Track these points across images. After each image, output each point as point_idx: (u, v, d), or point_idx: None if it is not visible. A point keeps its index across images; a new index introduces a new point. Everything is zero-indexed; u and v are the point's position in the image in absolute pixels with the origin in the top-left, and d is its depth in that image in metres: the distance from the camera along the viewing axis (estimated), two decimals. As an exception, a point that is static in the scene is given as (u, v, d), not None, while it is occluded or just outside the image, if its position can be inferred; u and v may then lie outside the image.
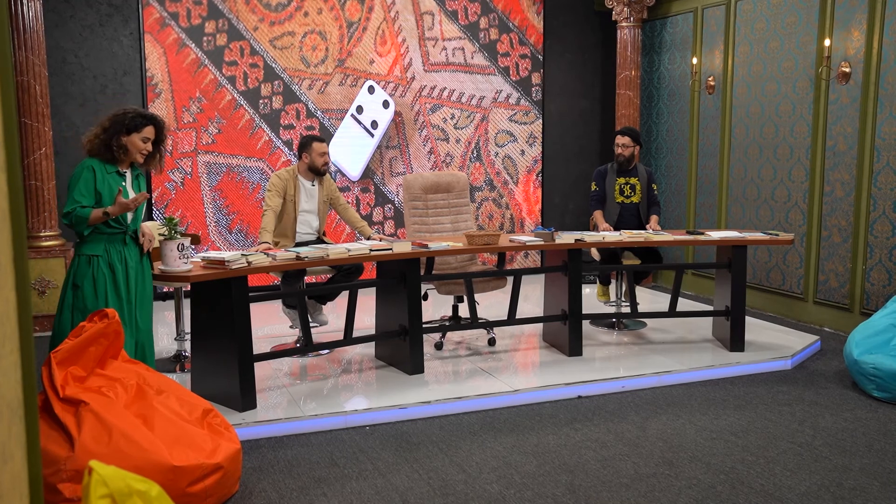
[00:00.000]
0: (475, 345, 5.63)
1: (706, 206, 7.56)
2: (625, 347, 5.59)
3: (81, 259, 3.68)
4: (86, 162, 3.67)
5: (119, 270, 3.72)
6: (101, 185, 3.65)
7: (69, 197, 3.60)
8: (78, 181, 3.62)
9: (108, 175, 3.68)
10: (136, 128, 3.70)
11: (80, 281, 3.66)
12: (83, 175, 3.63)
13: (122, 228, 3.74)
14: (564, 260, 5.28)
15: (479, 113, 8.06)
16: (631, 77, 7.89)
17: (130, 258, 3.78)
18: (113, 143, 3.66)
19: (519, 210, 8.33)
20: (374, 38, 7.55)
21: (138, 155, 3.75)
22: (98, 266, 3.67)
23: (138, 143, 3.72)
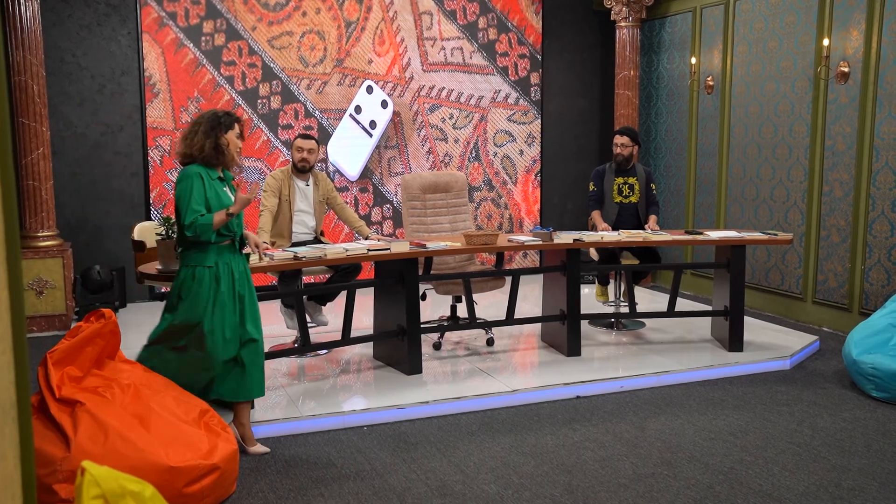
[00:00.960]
0: (473, 345, 5.62)
1: (705, 205, 7.55)
2: (623, 347, 5.58)
3: (197, 271, 3.58)
4: (191, 169, 3.57)
5: (225, 282, 3.61)
6: (209, 191, 3.58)
7: (186, 208, 3.49)
8: (191, 190, 3.51)
9: (212, 181, 3.61)
10: (230, 125, 3.66)
11: (186, 294, 3.57)
12: (195, 184, 3.53)
13: (231, 236, 3.67)
14: (563, 260, 5.27)
15: (477, 113, 8.05)
16: (630, 77, 7.88)
17: (236, 268, 3.68)
18: (219, 144, 3.60)
19: (518, 210, 8.32)
20: (372, 38, 7.54)
21: (235, 153, 3.69)
22: (207, 278, 3.57)
23: (235, 140, 3.68)
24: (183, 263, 3.65)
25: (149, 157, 6.92)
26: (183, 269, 3.63)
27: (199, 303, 3.57)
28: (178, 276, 3.65)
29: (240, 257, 3.75)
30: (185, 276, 3.61)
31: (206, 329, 3.57)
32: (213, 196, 3.59)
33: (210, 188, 3.59)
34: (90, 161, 6.79)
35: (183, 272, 3.63)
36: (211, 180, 3.60)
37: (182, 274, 3.63)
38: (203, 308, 3.57)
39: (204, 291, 3.57)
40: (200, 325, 3.58)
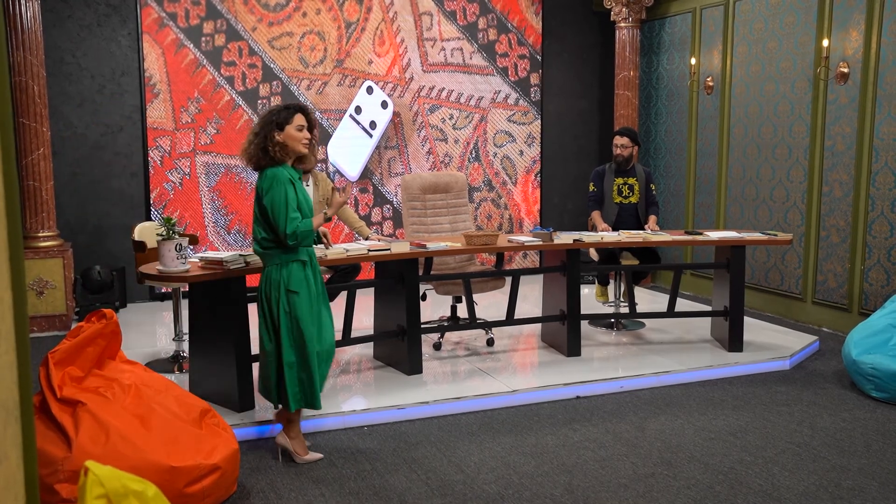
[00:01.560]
0: (473, 345, 5.63)
1: (705, 206, 7.56)
2: (623, 348, 5.59)
3: (294, 266, 3.59)
4: (280, 174, 3.52)
5: (317, 273, 3.72)
6: (297, 191, 3.59)
7: (284, 216, 3.47)
8: (285, 197, 3.49)
9: (296, 181, 3.60)
10: (287, 119, 3.56)
11: (299, 287, 3.57)
12: (287, 190, 3.50)
13: (316, 235, 3.76)
14: (563, 260, 5.27)
15: (477, 113, 8.05)
16: (629, 77, 7.88)
17: (316, 263, 3.76)
18: (267, 145, 3.52)
19: (517, 210, 8.33)
20: (372, 39, 7.55)
21: (300, 146, 3.59)
22: (306, 271, 3.62)
23: (296, 133, 3.57)
24: (273, 262, 3.61)
25: (149, 158, 6.92)
26: (274, 267, 3.61)
27: (309, 293, 3.61)
28: (271, 275, 3.61)
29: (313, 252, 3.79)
30: (293, 271, 3.59)
31: (304, 323, 3.59)
32: (303, 198, 3.62)
33: (300, 190, 3.60)
34: (90, 161, 6.80)
35: (276, 270, 3.60)
36: (293, 182, 3.58)
37: (276, 273, 3.60)
38: (308, 301, 3.61)
39: (308, 282, 3.61)
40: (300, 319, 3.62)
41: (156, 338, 5.97)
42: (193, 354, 4.48)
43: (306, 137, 3.60)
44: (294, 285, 3.57)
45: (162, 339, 5.91)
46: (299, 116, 3.59)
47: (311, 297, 3.61)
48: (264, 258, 3.67)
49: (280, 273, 3.59)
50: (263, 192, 3.55)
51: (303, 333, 3.59)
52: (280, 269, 3.60)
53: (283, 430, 3.75)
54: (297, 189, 3.60)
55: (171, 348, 5.38)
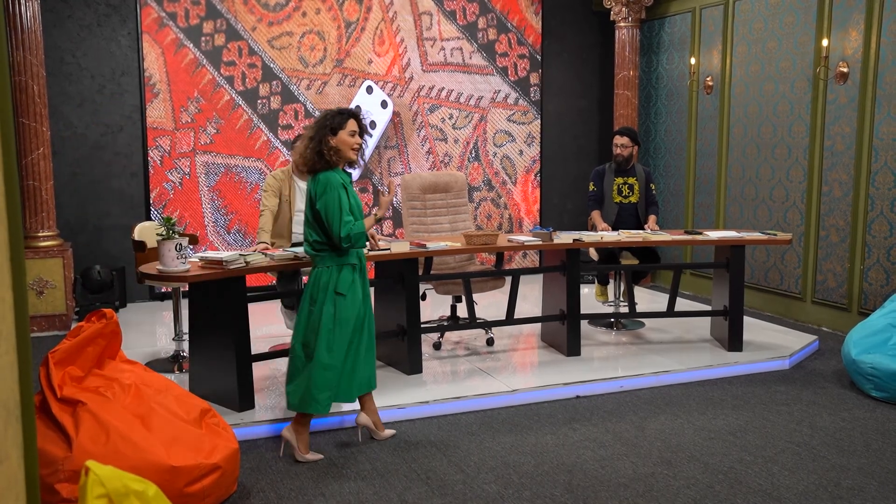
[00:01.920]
0: (473, 345, 5.63)
1: (704, 205, 7.56)
2: (623, 347, 5.59)
3: (344, 269, 3.69)
4: (332, 179, 3.62)
5: (364, 276, 3.81)
6: (350, 195, 3.70)
7: (338, 219, 3.57)
8: (339, 201, 3.60)
9: (348, 185, 3.72)
10: (341, 125, 3.66)
11: (346, 290, 3.67)
12: (340, 194, 3.61)
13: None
14: (563, 260, 5.27)
15: (477, 113, 8.05)
16: (629, 77, 7.88)
17: (363, 262, 3.86)
18: (322, 150, 3.62)
19: (517, 210, 8.33)
20: (372, 39, 7.55)
21: (351, 151, 3.69)
22: (355, 274, 3.72)
23: (349, 139, 3.67)
24: (323, 265, 3.70)
25: (149, 158, 6.92)
26: (324, 269, 3.69)
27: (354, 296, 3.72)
28: (320, 276, 3.68)
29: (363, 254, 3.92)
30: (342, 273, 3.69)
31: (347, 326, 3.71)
32: (354, 202, 3.72)
33: (351, 194, 3.70)
34: (90, 161, 6.80)
35: (325, 273, 3.68)
36: (347, 185, 3.70)
37: (325, 275, 3.68)
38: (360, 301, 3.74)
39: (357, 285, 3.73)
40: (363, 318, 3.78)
41: (156, 337, 5.97)
42: (193, 354, 4.48)
43: (357, 143, 3.71)
44: (342, 287, 3.68)
45: (162, 338, 5.91)
46: (352, 122, 3.69)
47: (356, 300, 3.72)
48: (315, 260, 3.76)
49: (330, 275, 3.69)
50: (317, 196, 3.65)
51: (344, 336, 3.69)
52: (330, 272, 3.70)
53: (293, 424, 3.79)
54: (349, 193, 3.71)
55: (172, 348, 5.38)
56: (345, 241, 3.61)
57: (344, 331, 3.68)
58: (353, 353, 3.75)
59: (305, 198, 5.18)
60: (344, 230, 3.59)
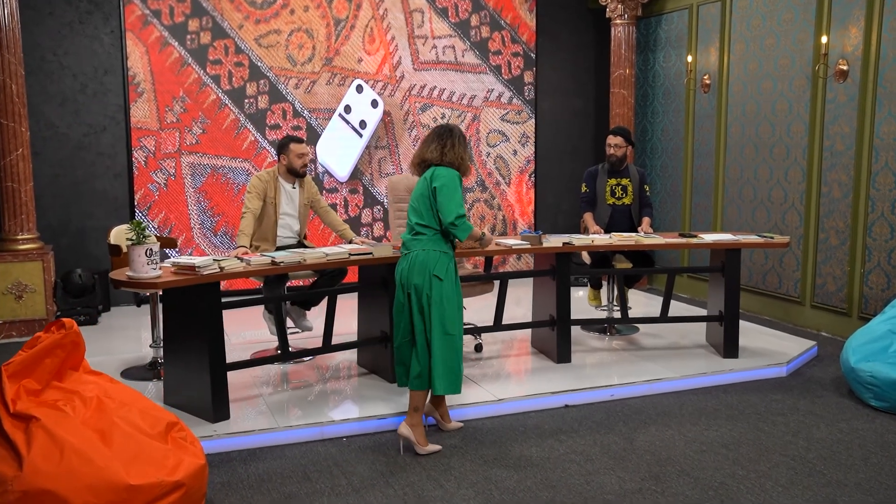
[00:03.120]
0: (462, 351, 5.47)
1: (701, 207, 7.40)
2: (615, 354, 5.44)
3: (441, 256, 3.85)
4: (452, 171, 3.87)
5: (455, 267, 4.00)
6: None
7: (455, 203, 3.77)
8: (457, 191, 3.82)
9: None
10: (462, 142, 3.99)
11: (442, 273, 3.81)
12: (457, 183, 3.84)
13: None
14: (553, 264, 5.12)
15: (470, 112, 7.90)
16: (625, 75, 7.73)
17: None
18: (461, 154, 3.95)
19: (511, 211, 8.17)
20: (362, 36, 7.40)
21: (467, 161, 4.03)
22: (452, 262, 3.92)
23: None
24: (437, 248, 3.85)
25: (133, 158, 6.78)
26: (439, 253, 3.85)
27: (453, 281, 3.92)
28: (439, 259, 3.83)
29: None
30: (451, 261, 3.90)
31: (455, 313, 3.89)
32: None
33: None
34: (73, 162, 6.65)
35: (442, 257, 3.85)
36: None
37: (444, 259, 3.85)
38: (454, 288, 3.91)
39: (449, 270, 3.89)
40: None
41: (140, 343, 5.82)
42: (168, 362, 4.33)
43: None
44: (451, 273, 3.88)
45: (145, 344, 5.77)
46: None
47: (454, 283, 3.91)
48: (415, 243, 3.88)
49: (442, 259, 3.84)
50: (439, 180, 3.83)
51: (454, 319, 3.86)
52: (440, 256, 3.84)
53: (407, 420, 3.84)
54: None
55: (150, 354, 5.23)
56: (458, 219, 3.77)
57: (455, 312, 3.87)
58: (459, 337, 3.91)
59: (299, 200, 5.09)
60: (461, 210, 3.79)
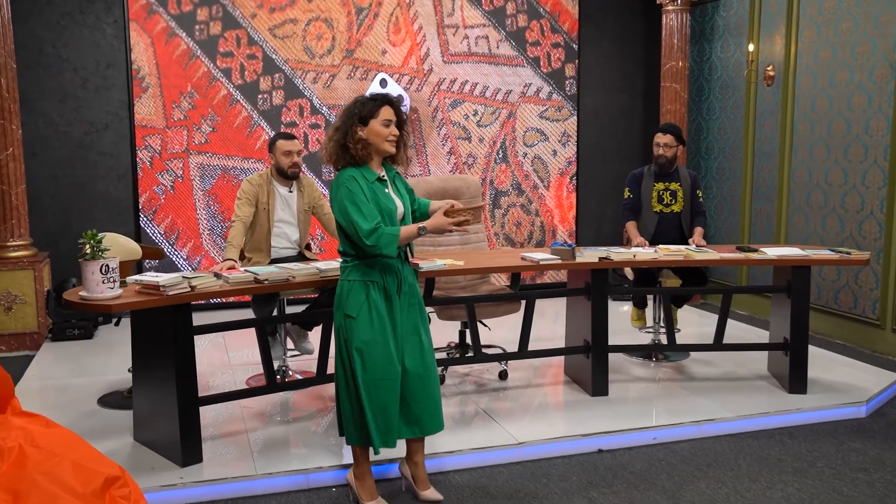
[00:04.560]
0: (483, 378, 4.82)
1: (763, 215, 6.59)
2: (660, 385, 4.71)
3: (355, 285, 3.08)
4: (342, 175, 3.07)
5: (395, 298, 3.14)
6: (368, 194, 3.06)
7: (358, 215, 2.99)
8: (356, 197, 3.01)
9: (369, 184, 3.08)
10: (371, 113, 3.07)
11: (356, 311, 3.07)
12: (354, 189, 3.02)
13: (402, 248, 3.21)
14: (588, 281, 4.43)
15: (505, 109, 7.23)
16: (678, 68, 6.99)
17: (405, 282, 3.19)
18: (349, 143, 3.06)
19: (550, 217, 7.48)
20: (386, 26, 6.80)
21: (385, 143, 3.09)
22: (371, 293, 3.09)
23: (380, 129, 3.07)
24: (344, 276, 3.14)
25: (137, 158, 6.29)
26: (344, 282, 3.14)
27: (371, 321, 3.11)
28: (340, 290, 3.15)
29: (409, 270, 3.26)
30: (351, 291, 3.11)
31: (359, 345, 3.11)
32: (373, 200, 3.07)
33: (371, 194, 3.06)
34: (73, 162, 6.20)
35: (345, 286, 3.13)
36: (369, 184, 3.07)
37: (345, 288, 3.13)
38: (377, 327, 3.11)
39: (375, 307, 3.10)
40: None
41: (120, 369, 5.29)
42: (137, 393, 3.79)
43: (394, 134, 3.12)
44: (352, 308, 3.09)
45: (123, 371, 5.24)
46: (387, 110, 3.11)
47: (373, 327, 3.09)
48: (341, 271, 3.20)
49: (343, 289, 3.15)
50: (331, 198, 3.16)
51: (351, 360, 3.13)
52: (344, 285, 3.14)
53: (353, 467, 3.29)
54: (370, 191, 3.09)
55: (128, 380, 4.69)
56: (368, 238, 2.99)
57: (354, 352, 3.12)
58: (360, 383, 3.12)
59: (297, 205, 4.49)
60: (368, 224, 2.99)
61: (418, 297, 3.24)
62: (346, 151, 3.08)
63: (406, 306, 3.17)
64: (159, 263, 6.35)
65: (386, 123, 3.07)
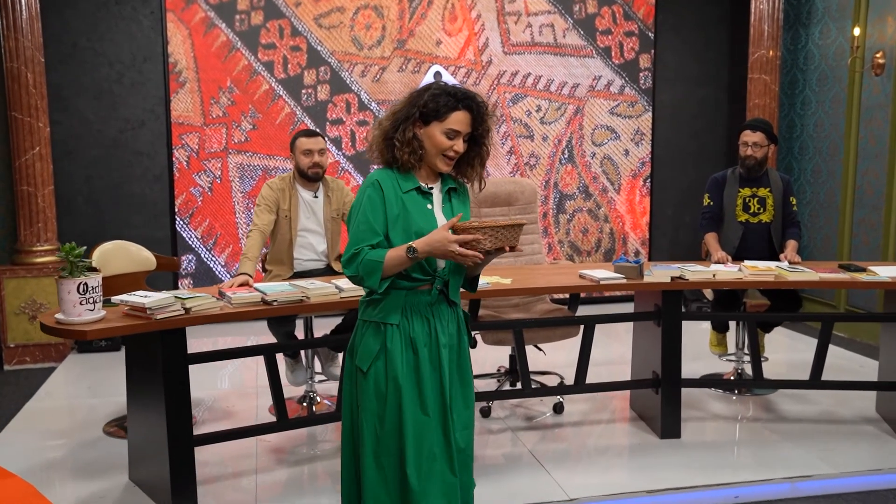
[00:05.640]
0: (536, 410, 4.21)
1: (867, 225, 5.75)
2: (744, 427, 4.01)
3: (369, 329, 2.31)
4: (371, 177, 2.32)
5: (423, 349, 2.29)
6: (393, 207, 2.27)
7: (355, 232, 2.26)
8: (359, 209, 2.28)
9: (402, 193, 2.29)
10: (437, 113, 2.28)
11: (366, 363, 2.28)
12: (365, 197, 2.28)
13: (429, 278, 2.31)
14: (658, 304, 3.78)
15: (572, 104, 6.58)
16: (768, 57, 6.22)
17: (442, 328, 2.32)
18: (397, 138, 2.29)
19: (620, 223, 6.79)
20: (441, 14, 6.24)
21: (439, 159, 2.29)
22: (392, 340, 2.27)
23: (440, 138, 2.28)
24: (359, 316, 2.37)
25: (173, 158, 5.91)
26: (360, 323, 2.37)
27: (387, 377, 2.29)
28: (354, 336, 2.37)
29: (448, 311, 2.36)
30: (365, 337, 2.32)
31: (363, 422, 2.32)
32: (402, 215, 2.28)
33: (395, 203, 2.27)
34: (108, 162, 5.86)
35: (359, 331, 2.36)
36: (400, 192, 2.29)
37: (358, 333, 2.36)
38: (391, 385, 2.28)
39: (394, 359, 2.27)
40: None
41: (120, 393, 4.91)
42: (132, 428, 3.35)
43: (455, 150, 2.29)
44: (362, 360, 2.30)
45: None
46: (460, 115, 2.30)
47: (387, 385, 2.28)
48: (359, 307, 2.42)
49: (356, 335, 2.36)
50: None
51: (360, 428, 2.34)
52: (359, 329, 2.36)
53: None
54: (396, 200, 2.29)
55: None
56: (346, 269, 2.27)
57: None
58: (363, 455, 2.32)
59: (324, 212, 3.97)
60: (347, 250, 2.26)
61: (461, 351, 2.38)
62: (390, 148, 2.31)
63: (439, 363, 2.30)
64: (196, 270, 5.97)
65: (451, 134, 2.27)
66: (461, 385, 2.39)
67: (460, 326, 2.40)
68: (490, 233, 2.19)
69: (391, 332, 2.27)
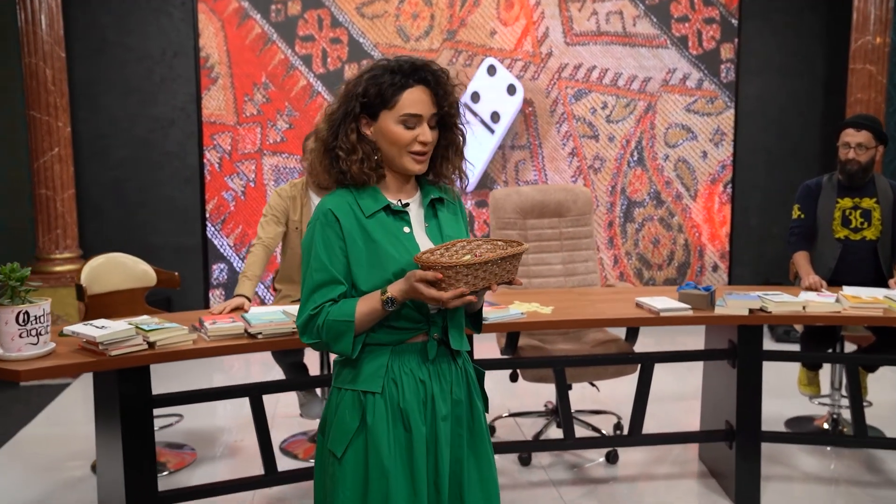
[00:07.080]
0: (584, 458, 3.59)
1: None
2: (841, 493, 3.29)
3: (344, 398, 1.75)
4: (320, 205, 1.76)
5: (417, 420, 1.72)
6: (356, 241, 1.72)
7: (302, 288, 1.74)
8: (317, 254, 1.72)
9: (366, 219, 1.73)
10: (383, 98, 1.70)
11: (341, 446, 1.72)
12: (316, 236, 1.72)
13: (421, 325, 1.76)
14: (732, 340, 3.11)
15: (642, 101, 5.90)
16: (874, 45, 5.45)
17: (443, 393, 1.76)
18: (339, 146, 1.73)
19: (697, 234, 6.06)
20: (496, 1, 5.66)
21: (406, 157, 1.73)
22: (374, 414, 1.71)
23: (396, 130, 1.71)
24: (334, 382, 1.81)
25: (205, 160, 5.52)
26: (334, 390, 1.81)
27: (367, 463, 1.72)
28: (329, 403, 1.82)
29: (452, 367, 1.78)
30: (339, 405, 1.77)
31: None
32: (367, 247, 1.72)
33: (359, 233, 1.72)
34: (136, 163, 5.53)
35: (334, 397, 1.80)
36: (363, 216, 1.72)
37: (333, 400, 1.80)
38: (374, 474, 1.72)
39: (378, 438, 1.71)
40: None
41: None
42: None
43: (423, 139, 1.71)
44: (336, 441, 1.74)
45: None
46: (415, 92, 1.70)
47: (368, 475, 1.71)
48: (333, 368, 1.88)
49: (332, 402, 1.80)
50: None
51: None
52: (334, 396, 1.80)
53: None
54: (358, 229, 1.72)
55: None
56: (304, 336, 1.73)
57: None
58: None
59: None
60: (302, 311, 1.71)
61: (474, 420, 1.80)
62: (334, 161, 1.73)
63: (446, 440, 1.74)
64: (228, 280, 5.57)
65: (410, 122, 1.70)
66: (477, 468, 1.79)
67: (471, 386, 1.80)
68: (466, 272, 1.54)
69: (373, 403, 1.70)
